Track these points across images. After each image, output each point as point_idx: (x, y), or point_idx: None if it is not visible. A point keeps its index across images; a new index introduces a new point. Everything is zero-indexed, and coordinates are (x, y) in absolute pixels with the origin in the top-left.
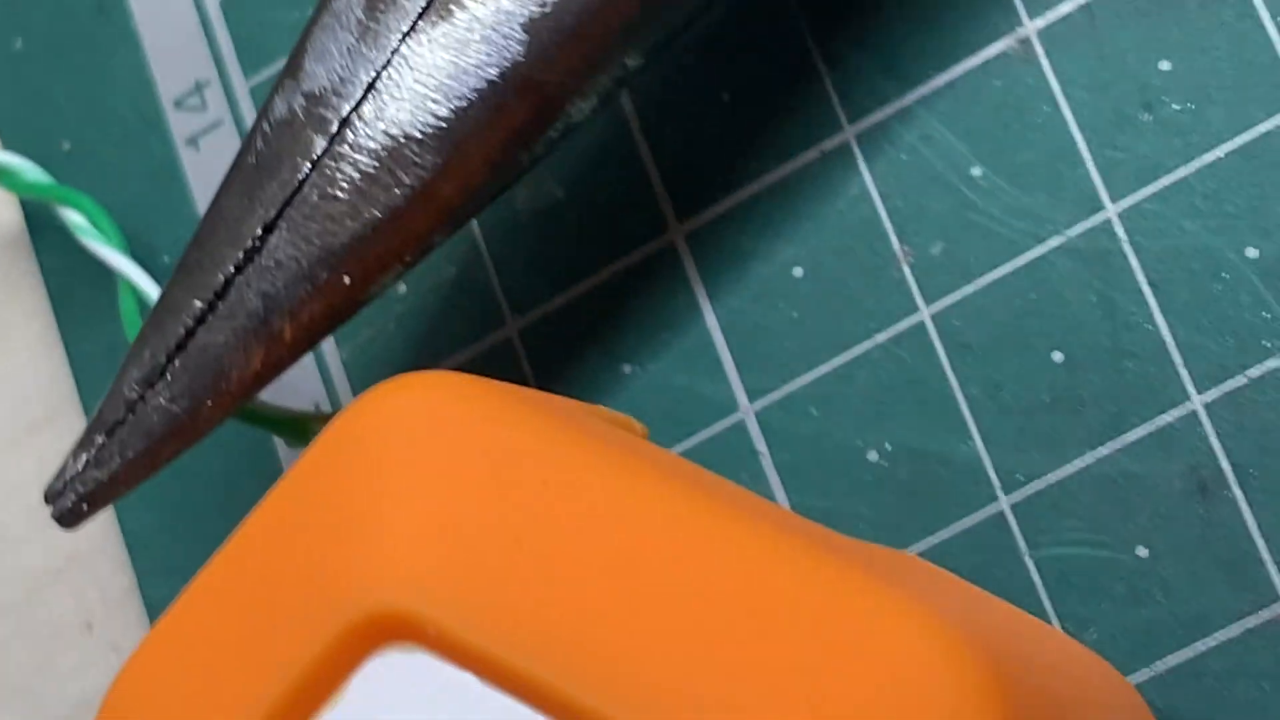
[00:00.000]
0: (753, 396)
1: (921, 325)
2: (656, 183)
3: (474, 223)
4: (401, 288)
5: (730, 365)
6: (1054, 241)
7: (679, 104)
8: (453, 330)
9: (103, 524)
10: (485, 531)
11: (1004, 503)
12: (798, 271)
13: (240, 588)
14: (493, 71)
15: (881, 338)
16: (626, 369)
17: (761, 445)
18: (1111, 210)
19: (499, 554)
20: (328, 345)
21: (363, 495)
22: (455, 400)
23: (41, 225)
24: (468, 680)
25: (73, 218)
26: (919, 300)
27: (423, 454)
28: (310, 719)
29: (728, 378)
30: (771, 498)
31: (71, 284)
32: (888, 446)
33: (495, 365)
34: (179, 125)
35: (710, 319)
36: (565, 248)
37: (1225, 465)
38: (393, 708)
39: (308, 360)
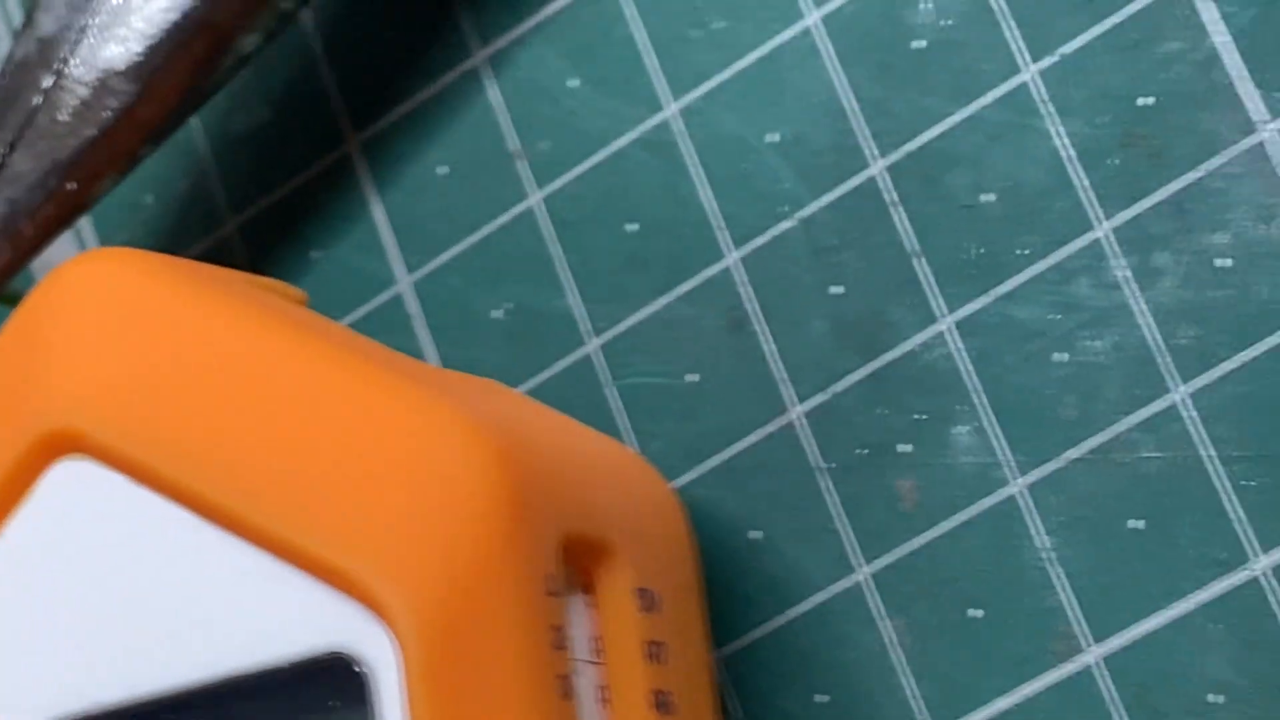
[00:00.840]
0: (410, 270)
1: (532, 209)
2: (338, 103)
3: (204, 140)
4: (149, 199)
5: (393, 247)
6: (630, 136)
7: (354, 40)
8: (186, 231)
9: None
10: (143, 369)
11: (592, 345)
12: (442, 170)
13: None
14: (175, 15)
15: (504, 219)
16: (314, 254)
17: (415, 309)
18: (671, 109)
19: (152, 387)
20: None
21: (49, 343)
22: (128, 269)
23: None
24: (121, 480)
25: None
26: (531, 188)
27: (99, 310)
28: (8, 515)
29: (389, 258)
30: (422, 353)
31: None
32: (509, 305)
33: (220, 257)
34: None
35: (378, 211)
36: (271, 157)
37: (751, 307)
38: (69, 504)
39: None
